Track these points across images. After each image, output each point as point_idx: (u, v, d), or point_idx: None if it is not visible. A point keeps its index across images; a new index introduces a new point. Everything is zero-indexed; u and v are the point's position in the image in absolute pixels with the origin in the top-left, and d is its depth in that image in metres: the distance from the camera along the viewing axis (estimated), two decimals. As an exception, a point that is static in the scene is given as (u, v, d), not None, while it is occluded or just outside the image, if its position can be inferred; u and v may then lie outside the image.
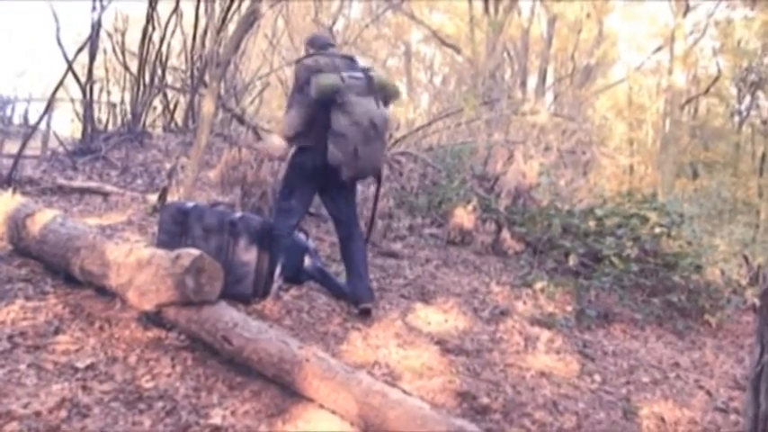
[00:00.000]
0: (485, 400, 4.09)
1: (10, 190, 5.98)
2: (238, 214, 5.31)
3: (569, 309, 6.72)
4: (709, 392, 5.26)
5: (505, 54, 22.93)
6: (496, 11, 20.09)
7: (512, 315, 6.17)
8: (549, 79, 26.94)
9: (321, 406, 3.51)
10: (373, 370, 4.32)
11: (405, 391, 3.47)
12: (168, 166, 9.51)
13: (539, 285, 7.10)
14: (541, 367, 5.05)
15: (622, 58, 31.16)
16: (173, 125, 13.19)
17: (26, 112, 16.84)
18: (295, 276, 5.88)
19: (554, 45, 25.73)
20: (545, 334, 5.82)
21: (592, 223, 8.46)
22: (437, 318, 5.76)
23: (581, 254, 8.00)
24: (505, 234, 8.53)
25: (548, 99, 24.16)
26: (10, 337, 3.82)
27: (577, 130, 11.56)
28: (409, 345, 4.96)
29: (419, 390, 4.10)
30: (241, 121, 11.94)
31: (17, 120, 16.68)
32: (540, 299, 6.86)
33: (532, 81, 25.28)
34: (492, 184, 9.55)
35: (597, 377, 5.10)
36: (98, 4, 10.55)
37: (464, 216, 8.60)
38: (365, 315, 5.32)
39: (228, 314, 3.99)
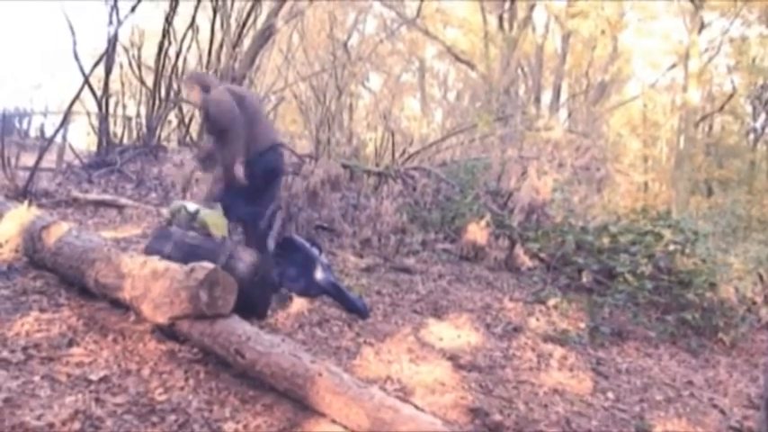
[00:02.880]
0: (497, 417, 4.07)
1: (26, 202, 6.01)
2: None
3: (583, 326, 6.69)
4: (722, 411, 5.22)
5: (519, 70, 22.96)
6: (511, 27, 20.14)
7: (525, 331, 6.15)
8: (564, 95, 26.93)
9: (333, 421, 3.50)
10: (385, 385, 4.31)
11: (417, 407, 3.46)
12: (183, 179, 9.54)
13: (552, 302, 7.08)
14: (554, 384, 5.03)
15: (637, 75, 31.10)
16: (187, 139, 13.24)
17: (42, 125, 16.99)
18: (307, 290, 5.89)
19: (568, 61, 25.72)
20: (558, 351, 5.80)
21: (606, 240, 8.43)
22: (450, 333, 5.74)
23: (595, 270, 7.98)
24: (519, 250, 8.51)
25: (562, 115, 24.13)
26: (24, 349, 3.83)
27: (591, 146, 11.53)
28: (421, 360, 4.95)
29: (431, 405, 4.08)
30: (256, 135, 11.96)
31: (33, 132, 16.81)
32: (553, 315, 6.84)
33: (546, 97, 25.29)
34: (505, 199, 9.54)
35: (611, 395, 5.08)
36: (115, 19, 10.63)
37: (477, 232, 8.59)
38: None
39: (241, 328, 3.99)
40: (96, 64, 10.45)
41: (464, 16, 23.68)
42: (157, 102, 11.95)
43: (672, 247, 8.10)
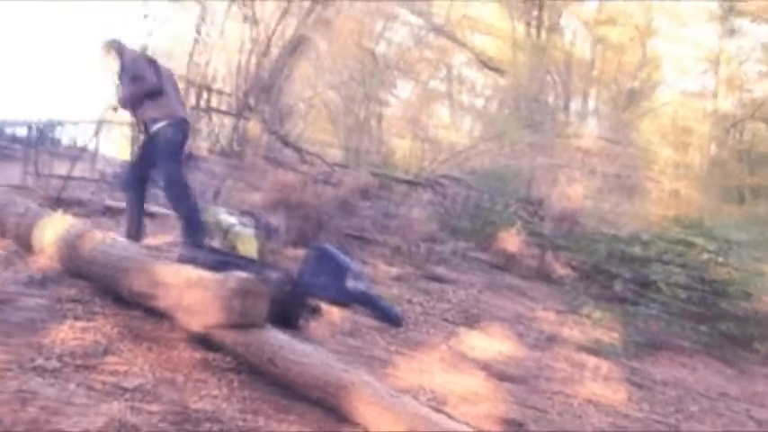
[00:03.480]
0: (531, 428, 4.04)
1: (60, 211, 6.07)
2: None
3: (616, 335, 6.63)
4: (759, 422, 5.15)
5: (548, 77, 22.85)
6: (539, 33, 20.06)
7: (558, 341, 6.11)
8: (593, 102, 26.76)
9: (367, 430, 3.49)
10: (418, 395, 4.29)
11: (451, 417, 3.44)
12: (215, 188, 9.61)
13: (585, 311, 7.03)
14: (589, 395, 4.98)
15: (666, 81, 30.81)
16: (219, 148, 13.32)
17: (76, 134, 17.16)
18: (339, 299, 5.89)
19: (597, 68, 25.56)
20: (592, 361, 5.75)
21: (638, 248, 8.35)
22: (482, 343, 5.71)
23: (628, 279, 7.91)
24: (550, 258, 8.46)
25: (591, 122, 23.99)
26: (60, 357, 3.86)
27: (622, 153, 11.45)
28: (454, 370, 4.92)
29: (465, 416, 4.05)
30: (286, 143, 12.03)
31: (66, 141, 16.99)
32: (586, 325, 6.79)
33: (576, 104, 25.14)
34: (536, 207, 9.50)
35: (645, 405, 5.02)
36: (146, 29, 10.74)
37: (508, 240, 8.55)
38: None
39: (274, 337, 3.99)
40: (129, 73, 10.55)
41: (492, 23, 23.62)
42: (189, 111, 12.04)
43: (705, 256, 8.01)
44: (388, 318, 5.75)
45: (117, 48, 6.28)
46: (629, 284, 7.94)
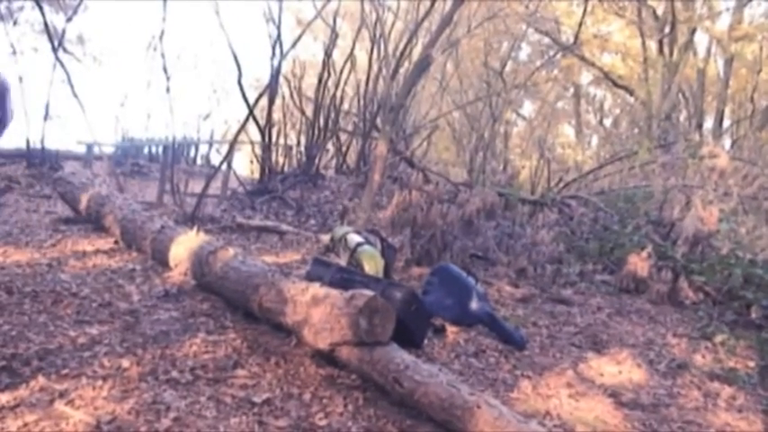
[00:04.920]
0: (663, 458, 3.90)
1: (194, 228, 6.29)
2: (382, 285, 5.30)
3: (752, 364, 6.32)
4: None
5: (680, 95, 22.18)
6: (671, 51, 19.50)
7: (690, 369, 5.86)
8: (727, 121, 25.81)
9: (491, 454, 3.45)
10: (544, 420, 4.21)
11: (579, 444, 3.36)
12: (341, 206, 9.76)
13: (719, 338, 6.73)
14: (722, 425, 4.77)
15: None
16: (345, 167, 13.54)
17: (208, 153, 17.82)
18: (463, 319, 5.86)
19: (731, 86, 24.64)
20: (726, 390, 5.49)
21: (776, 274, 7.95)
22: (610, 369, 5.55)
23: (764, 306, 7.53)
24: (683, 283, 8.14)
25: (726, 142, 23.12)
26: (192, 370, 3.99)
27: (759, 174, 10.95)
28: (581, 396, 4.81)
29: (592, 444, 3.96)
30: (411, 163, 12.10)
31: (200, 160, 17.65)
32: (719, 353, 6.49)
33: (709, 123, 24.30)
34: (668, 230, 9.18)
35: (784, 439, 4.77)
36: (277, 52, 11.03)
37: (638, 263, 8.29)
38: None
39: (399, 356, 4.00)
40: (261, 95, 10.89)
41: (622, 41, 23.14)
42: (316, 131, 12.30)
43: None
44: (513, 340, 5.67)
45: None
46: (766, 311, 7.56)
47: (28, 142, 11.39)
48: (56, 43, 11.29)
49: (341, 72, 12.80)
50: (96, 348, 4.12)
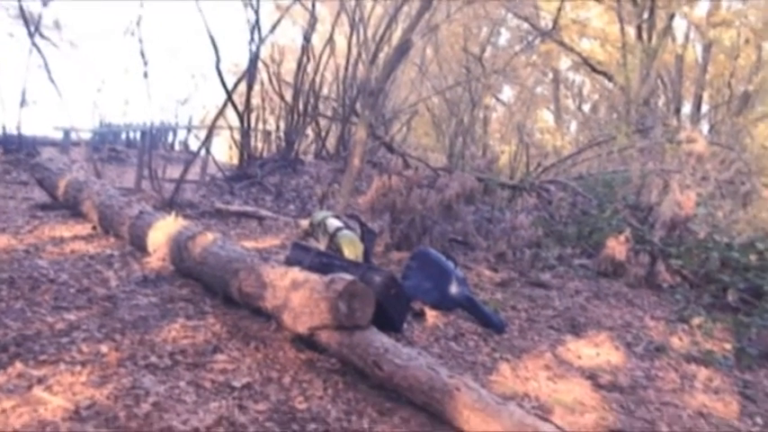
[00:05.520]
0: (640, 439, 3.94)
1: (172, 213, 6.26)
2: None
3: (728, 346, 6.39)
4: None
5: (659, 81, 22.26)
6: (650, 37, 19.55)
7: (667, 351, 5.92)
8: (705, 107, 25.95)
9: (471, 437, 3.47)
10: (523, 402, 4.24)
11: (557, 427, 3.38)
12: (320, 191, 9.74)
13: (696, 321, 6.80)
14: (699, 407, 4.82)
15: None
16: (324, 152, 13.52)
17: (186, 138, 17.71)
18: (442, 304, 5.88)
19: (710, 71, 24.76)
20: (702, 372, 5.56)
21: (753, 257, 8.01)
22: (588, 351, 5.60)
23: (741, 289, 7.60)
24: (660, 266, 8.20)
25: (704, 127, 23.23)
26: (171, 355, 3.98)
27: (736, 159, 11.02)
28: (560, 378, 4.84)
29: (571, 426, 3.99)
30: (390, 148, 12.10)
31: (178, 146, 17.55)
32: (696, 335, 6.56)
33: (687, 108, 24.40)
34: (646, 214, 9.23)
35: (759, 420, 4.82)
36: (256, 36, 10.97)
37: (616, 247, 8.33)
38: None
39: (379, 340, 4.01)
40: (239, 80, 10.82)
41: (601, 27, 23.18)
42: (296, 116, 12.26)
43: (824, 265, 7.64)
44: (492, 324, 5.70)
45: None
46: (742, 294, 7.63)
47: (4, 128, 11.26)
48: (32, 28, 11.13)
49: (320, 57, 12.76)
50: (74, 334, 4.09)
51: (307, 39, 12.35)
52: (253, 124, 11.96)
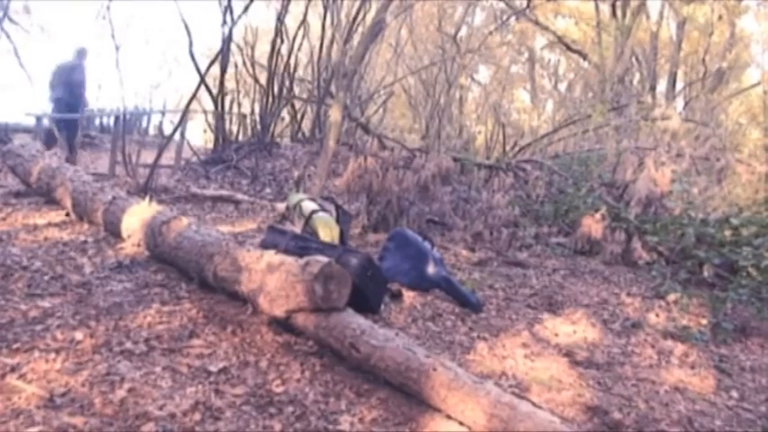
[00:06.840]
0: (617, 416, 3.96)
1: (147, 198, 6.21)
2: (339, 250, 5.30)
3: (704, 322, 6.44)
4: None
5: (633, 58, 22.33)
6: (624, 14, 19.61)
7: (643, 327, 5.97)
8: (680, 84, 26.07)
9: (448, 416, 3.47)
10: (500, 381, 4.25)
11: (534, 404, 3.39)
12: (296, 174, 9.71)
13: (672, 297, 6.85)
14: (675, 382, 4.86)
15: (756, 61, 29.73)
16: (300, 135, 13.47)
17: (161, 123, 17.60)
18: (419, 284, 5.88)
19: (684, 48, 24.85)
20: (679, 347, 5.61)
21: (727, 233, 8.08)
22: (565, 329, 5.63)
23: (716, 264, 7.66)
24: (636, 243, 8.25)
25: (678, 104, 23.35)
26: (147, 340, 3.95)
27: (710, 135, 11.09)
28: (537, 356, 4.86)
29: (548, 403, 4.01)
30: (366, 130, 12.07)
31: (152, 131, 17.43)
32: (673, 311, 6.61)
33: (662, 86, 24.51)
34: (621, 192, 9.28)
35: (734, 393, 4.87)
36: (228, 19, 10.88)
37: (592, 225, 8.38)
38: None
39: (356, 321, 4.00)
40: (212, 63, 10.73)
41: (576, 5, 23.21)
42: (271, 99, 12.19)
43: (798, 240, 7.70)
44: (469, 303, 5.72)
45: None
46: (717, 270, 7.70)
47: (-25, 115, 11.14)
48: (1, 14, 10.99)
49: (294, 38, 12.68)
50: (48, 321, 4.05)
51: (280, 20, 12.26)
52: (227, 108, 11.89)
